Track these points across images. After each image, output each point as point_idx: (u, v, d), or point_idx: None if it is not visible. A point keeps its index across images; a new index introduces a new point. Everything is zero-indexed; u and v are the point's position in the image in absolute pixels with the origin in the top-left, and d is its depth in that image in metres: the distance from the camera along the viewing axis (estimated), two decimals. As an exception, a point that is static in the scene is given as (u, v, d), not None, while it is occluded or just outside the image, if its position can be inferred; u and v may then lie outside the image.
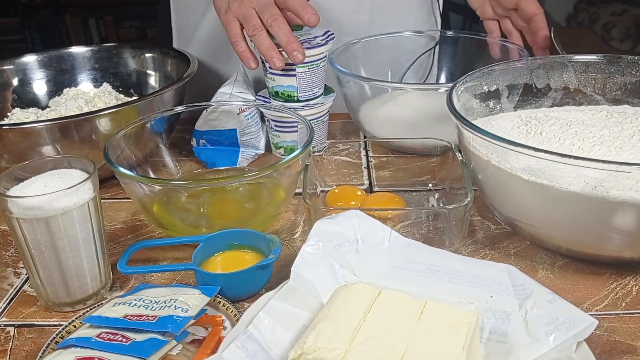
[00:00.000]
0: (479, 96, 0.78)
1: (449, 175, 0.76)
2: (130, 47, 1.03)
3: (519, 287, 0.54)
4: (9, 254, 0.71)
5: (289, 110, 0.81)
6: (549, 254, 0.67)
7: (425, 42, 1.06)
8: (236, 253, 0.65)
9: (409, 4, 1.07)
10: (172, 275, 0.66)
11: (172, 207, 0.73)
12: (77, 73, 1.02)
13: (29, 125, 0.76)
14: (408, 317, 0.52)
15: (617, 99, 0.79)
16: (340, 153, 0.90)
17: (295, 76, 0.84)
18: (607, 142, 0.65)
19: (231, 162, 0.85)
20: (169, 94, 0.84)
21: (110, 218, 0.77)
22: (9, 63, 0.98)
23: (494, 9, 0.99)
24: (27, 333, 0.59)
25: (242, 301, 0.62)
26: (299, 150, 0.69)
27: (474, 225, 0.73)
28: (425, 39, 1.06)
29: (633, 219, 0.58)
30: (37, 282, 0.60)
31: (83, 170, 0.61)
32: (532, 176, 0.60)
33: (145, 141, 0.80)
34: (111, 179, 0.82)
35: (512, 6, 0.95)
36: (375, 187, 0.82)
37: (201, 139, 0.85)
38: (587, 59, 0.79)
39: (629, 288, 0.62)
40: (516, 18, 0.97)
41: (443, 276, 0.56)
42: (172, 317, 0.53)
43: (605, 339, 0.56)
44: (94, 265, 0.61)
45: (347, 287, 0.55)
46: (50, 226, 0.57)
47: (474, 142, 0.65)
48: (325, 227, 0.58)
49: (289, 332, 0.53)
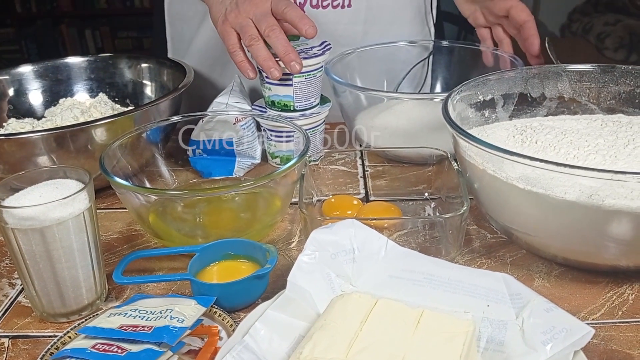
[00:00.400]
0: (475, 105, 0.79)
1: (445, 184, 0.76)
2: (126, 57, 1.04)
3: (516, 296, 0.54)
4: (4, 264, 0.71)
5: (285, 120, 0.82)
6: (545, 262, 0.67)
7: (420, 52, 1.06)
8: (232, 263, 0.65)
9: (402, 16, 1.07)
10: (168, 285, 0.66)
11: (168, 217, 0.73)
12: (73, 83, 1.02)
13: (24, 135, 0.76)
14: (405, 327, 0.51)
15: (612, 108, 0.79)
16: (337, 162, 0.90)
17: (291, 86, 0.84)
18: (602, 151, 0.65)
19: (227, 172, 0.85)
20: (165, 104, 0.84)
21: (106, 228, 0.77)
22: (5, 73, 0.98)
23: (486, 17, 1.00)
24: (21, 344, 0.59)
25: (239, 311, 0.61)
26: (295, 159, 0.69)
27: (470, 234, 0.73)
28: (420, 49, 1.07)
29: (629, 228, 0.58)
30: (32, 292, 0.60)
31: (79, 181, 0.61)
32: (527, 185, 0.60)
33: (141, 151, 0.80)
34: (107, 189, 0.82)
35: (503, 13, 0.96)
36: (372, 197, 0.82)
37: (197, 148, 0.85)
38: (582, 69, 0.80)
39: (625, 297, 0.62)
40: (507, 25, 0.97)
41: (440, 285, 0.56)
42: (168, 327, 0.53)
43: (602, 347, 0.56)
44: (89, 275, 0.61)
45: (344, 296, 0.55)
46: (46, 236, 0.56)
47: (470, 151, 0.65)
48: (322, 236, 0.58)
49: (285, 342, 0.52)
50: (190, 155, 0.85)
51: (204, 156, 0.85)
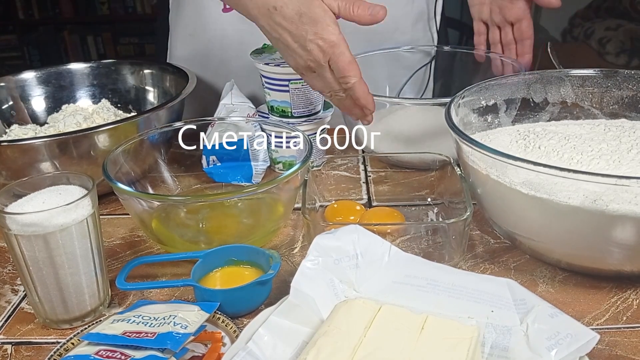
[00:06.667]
0: (477, 111, 0.79)
1: (448, 189, 0.76)
2: (128, 63, 1.04)
3: (520, 302, 0.54)
4: (7, 270, 0.71)
5: (287, 126, 0.81)
6: (549, 268, 0.67)
7: (422, 58, 1.06)
8: (235, 269, 0.65)
9: (405, 23, 1.07)
10: (171, 291, 0.66)
11: (171, 222, 0.73)
12: (76, 89, 1.02)
13: (27, 141, 0.76)
14: (409, 333, 0.51)
15: (615, 112, 0.79)
16: (339, 168, 0.90)
17: (288, 92, 0.84)
18: (606, 156, 0.65)
19: (246, 179, 0.84)
20: (167, 110, 0.84)
21: (109, 234, 0.77)
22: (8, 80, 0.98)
23: (492, 14, 0.99)
24: (24, 351, 0.58)
25: (242, 317, 0.61)
26: (298, 165, 0.69)
27: (473, 239, 0.73)
28: (422, 55, 1.07)
29: (633, 233, 0.58)
30: (35, 299, 0.60)
31: (82, 187, 0.61)
32: (531, 190, 0.60)
33: (144, 157, 0.80)
34: (110, 194, 0.82)
35: (512, 20, 0.95)
36: (374, 202, 0.82)
37: (211, 155, 0.84)
38: (584, 74, 0.80)
39: (629, 302, 0.62)
40: (507, 32, 0.97)
41: (443, 291, 0.56)
42: (171, 333, 0.53)
43: (607, 353, 0.56)
44: (92, 281, 0.61)
45: (348, 302, 0.55)
46: (49, 243, 0.56)
47: (473, 157, 0.65)
48: (325, 242, 0.58)
49: (289, 349, 0.52)
50: (205, 166, 0.85)
51: (218, 164, 0.85)
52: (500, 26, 0.99)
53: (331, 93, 0.73)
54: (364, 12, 0.70)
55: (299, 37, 0.68)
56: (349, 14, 0.70)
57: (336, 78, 0.71)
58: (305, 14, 0.67)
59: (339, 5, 0.69)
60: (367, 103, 0.74)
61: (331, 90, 0.73)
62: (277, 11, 0.68)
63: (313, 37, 0.68)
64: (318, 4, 0.68)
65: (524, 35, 0.95)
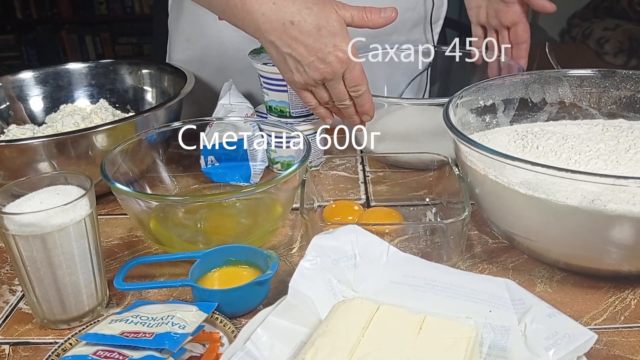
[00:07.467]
0: (475, 111, 0.79)
1: (446, 189, 0.76)
2: (127, 63, 1.04)
3: (518, 302, 0.54)
4: (4, 271, 0.71)
5: (285, 126, 0.81)
6: (547, 268, 0.67)
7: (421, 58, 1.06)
8: (233, 269, 0.65)
9: (403, 26, 1.07)
10: (169, 291, 0.66)
11: (169, 223, 0.73)
12: (74, 89, 1.02)
13: (25, 141, 0.76)
14: (407, 333, 0.51)
15: (613, 112, 0.79)
16: (337, 168, 0.90)
17: (286, 92, 0.84)
18: (604, 156, 0.65)
19: (244, 179, 0.84)
20: (165, 110, 0.84)
21: (107, 234, 0.77)
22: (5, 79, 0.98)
23: (489, 17, 1.00)
24: (22, 351, 0.58)
25: (240, 317, 0.61)
26: (296, 165, 0.69)
27: (471, 239, 0.73)
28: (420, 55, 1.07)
29: (631, 233, 0.58)
30: (33, 299, 0.60)
31: (80, 187, 0.60)
32: (529, 190, 0.60)
33: (142, 157, 0.80)
34: (108, 195, 0.82)
35: (508, 24, 0.96)
36: (373, 202, 0.82)
37: (210, 155, 0.84)
38: (582, 74, 0.80)
39: (627, 302, 0.62)
40: (504, 36, 0.98)
41: (441, 291, 0.56)
42: (169, 333, 0.53)
43: (604, 353, 0.56)
44: (90, 281, 0.60)
45: (346, 302, 0.55)
46: (47, 243, 0.56)
47: (471, 157, 0.65)
48: (323, 242, 0.58)
49: (287, 349, 0.52)
50: (203, 166, 0.85)
51: (216, 164, 0.85)
52: (497, 30, 0.99)
53: (333, 103, 0.75)
54: (376, 16, 0.71)
55: (318, 50, 0.68)
56: (362, 21, 0.71)
57: (347, 88, 0.72)
58: (324, 27, 0.67)
59: (352, 14, 0.70)
60: (370, 109, 0.75)
61: (338, 100, 0.74)
62: (295, 26, 0.68)
63: (332, 49, 0.68)
64: (335, 17, 0.68)
65: (520, 39, 0.95)
